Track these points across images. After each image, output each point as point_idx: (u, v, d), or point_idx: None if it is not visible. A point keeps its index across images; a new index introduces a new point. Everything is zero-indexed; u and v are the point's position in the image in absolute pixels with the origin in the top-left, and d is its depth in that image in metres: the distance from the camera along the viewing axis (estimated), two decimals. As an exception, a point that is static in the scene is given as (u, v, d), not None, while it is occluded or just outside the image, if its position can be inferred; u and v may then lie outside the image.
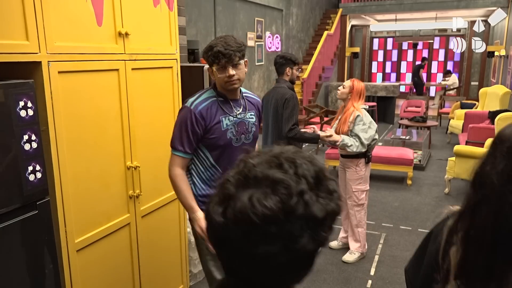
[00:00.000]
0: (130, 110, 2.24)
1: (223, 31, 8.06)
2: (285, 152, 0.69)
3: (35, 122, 1.69)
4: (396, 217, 4.48)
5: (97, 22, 2.01)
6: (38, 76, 1.75)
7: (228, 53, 1.88)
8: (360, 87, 3.39)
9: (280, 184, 0.64)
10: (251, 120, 2.08)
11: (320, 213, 0.65)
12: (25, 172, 1.67)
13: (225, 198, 0.66)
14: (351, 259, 3.55)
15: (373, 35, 16.11)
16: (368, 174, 3.47)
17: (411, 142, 6.71)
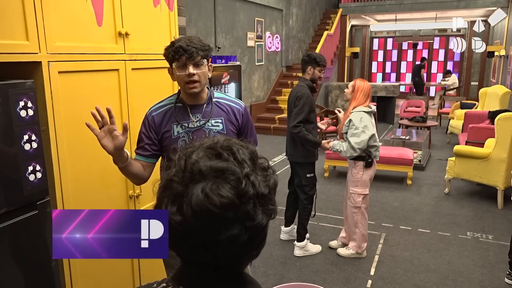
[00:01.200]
0: (130, 110, 2.24)
1: (223, 31, 8.07)
2: (218, 142, 0.73)
3: (35, 122, 1.70)
4: (396, 217, 4.48)
5: (97, 22, 2.01)
6: (38, 76, 1.75)
7: (190, 50, 1.74)
8: (363, 86, 3.34)
9: (226, 172, 0.68)
10: (214, 128, 1.87)
11: (265, 189, 0.71)
12: (25, 172, 1.67)
13: (175, 197, 0.69)
14: (343, 253, 3.57)
15: (373, 35, 16.11)
16: (367, 179, 3.40)
17: (411, 142, 6.71)
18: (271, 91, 10.20)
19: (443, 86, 12.80)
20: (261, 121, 9.42)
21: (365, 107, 3.31)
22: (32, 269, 1.75)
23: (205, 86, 1.86)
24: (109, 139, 1.69)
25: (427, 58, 13.78)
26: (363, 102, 3.33)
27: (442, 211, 4.62)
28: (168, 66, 1.84)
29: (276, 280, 3.21)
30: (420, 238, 3.94)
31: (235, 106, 1.95)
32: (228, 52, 8.32)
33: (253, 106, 9.41)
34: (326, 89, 10.87)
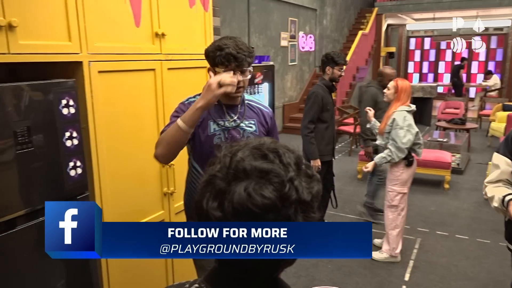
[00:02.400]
0: (165, 109, 2.29)
1: (256, 31, 8.10)
2: (265, 143, 0.73)
3: (76, 120, 1.76)
4: (432, 221, 4.36)
5: (135, 23, 2.07)
6: (79, 75, 1.82)
7: (240, 58, 1.74)
8: (406, 86, 3.34)
9: (270, 174, 0.68)
10: (248, 128, 1.90)
11: (308, 196, 0.70)
12: (67, 168, 1.74)
13: (218, 194, 0.68)
14: (377, 257, 3.51)
15: (410, 34, 15.72)
16: (408, 178, 3.38)
17: (449, 144, 6.51)
18: (304, 91, 10.14)
19: (484, 87, 12.32)
20: (294, 121, 9.38)
21: (407, 106, 3.31)
22: (70, 265, 1.82)
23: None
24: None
25: (467, 58, 13.30)
26: (406, 102, 3.33)
27: (482, 217, 4.44)
28: (207, 66, 1.84)
29: (307, 282, 3.19)
30: (458, 245, 3.81)
31: (265, 109, 2.01)
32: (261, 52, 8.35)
33: (286, 106, 9.39)
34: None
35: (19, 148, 1.56)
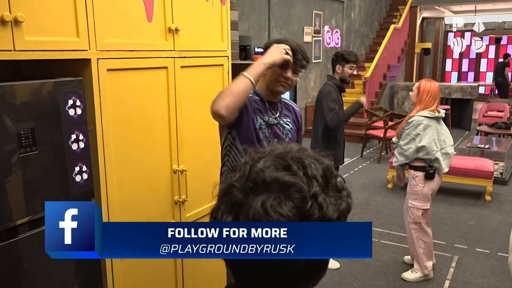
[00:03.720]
0: (178, 110, 2.31)
1: (277, 25, 8.11)
2: (290, 152, 0.72)
3: (83, 121, 1.80)
4: (471, 237, 4.27)
5: (147, 17, 2.10)
6: (87, 74, 1.85)
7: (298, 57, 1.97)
8: (430, 87, 3.28)
9: (292, 188, 0.67)
10: (286, 126, 2.12)
11: (334, 214, 0.69)
12: (72, 173, 1.77)
13: (233, 206, 0.69)
14: (410, 277, 3.46)
15: (448, 28, 15.48)
16: (429, 193, 3.31)
17: (491, 151, 6.38)
18: (329, 91, 10.09)
19: (532, 87, 12.03)
20: (317, 124, 9.33)
21: (429, 112, 3.23)
22: (75, 273, 1.85)
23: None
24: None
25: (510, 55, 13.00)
26: (431, 105, 3.26)
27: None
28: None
29: (330, 301, 3.16)
30: (501, 264, 3.72)
31: (296, 108, 2.24)
32: (282, 49, 8.33)
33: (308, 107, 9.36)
34: (392, 89, 10.59)
35: (22, 151, 1.60)
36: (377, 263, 3.67)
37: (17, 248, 1.66)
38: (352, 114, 3.61)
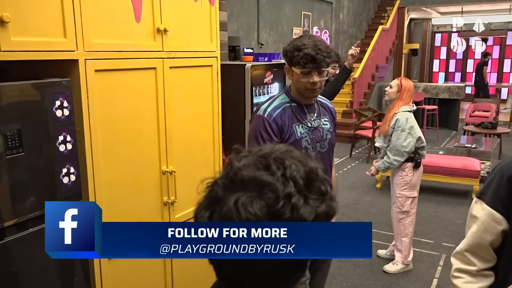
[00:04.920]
0: (166, 111, 2.30)
1: (266, 26, 8.12)
2: (275, 152, 0.73)
3: (71, 122, 1.78)
4: (459, 236, 4.31)
5: (135, 18, 2.09)
6: (74, 74, 1.84)
7: (319, 59, 1.85)
8: (409, 85, 3.46)
9: (266, 187, 0.68)
10: (325, 126, 2.07)
11: (310, 216, 0.69)
12: (60, 174, 1.76)
13: (212, 202, 0.71)
14: (392, 269, 3.56)
15: (435, 29, 15.63)
16: (417, 181, 3.46)
17: (477, 151, 6.45)
18: (318, 91, 10.13)
19: (517, 87, 12.19)
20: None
21: (408, 106, 3.42)
22: (63, 276, 1.83)
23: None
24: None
25: (491, 54, 13.09)
26: (408, 102, 3.44)
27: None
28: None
29: (320, 301, 3.16)
30: (487, 262, 3.76)
31: (330, 105, 2.18)
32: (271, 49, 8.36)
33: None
34: (380, 90, 10.66)
35: (8, 153, 1.58)
36: (366, 262, 3.69)
37: (4, 250, 1.63)
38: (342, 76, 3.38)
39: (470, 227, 1.39)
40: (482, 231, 1.34)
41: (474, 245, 1.36)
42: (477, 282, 1.35)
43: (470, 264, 1.36)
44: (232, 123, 3.45)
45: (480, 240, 1.34)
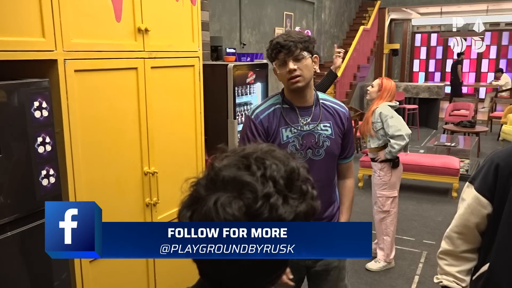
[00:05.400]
0: (148, 111, 2.28)
1: (249, 26, 8.12)
2: (257, 152, 0.73)
3: (49, 123, 1.75)
4: (439, 233, 4.37)
5: (115, 17, 2.06)
6: (53, 75, 1.81)
7: (287, 44, 1.78)
8: (390, 85, 3.49)
9: (246, 188, 0.68)
10: (324, 132, 1.89)
11: (289, 215, 0.69)
12: (38, 176, 1.72)
13: (194, 202, 0.72)
14: (374, 267, 3.60)
15: (415, 30, 15.85)
16: (396, 180, 3.50)
17: (457, 149, 6.56)
18: (301, 91, 10.17)
19: (495, 86, 12.44)
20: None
21: (390, 103, 3.46)
22: (43, 279, 1.80)
23: (309, 80, 1.86)
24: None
25: (464, 53, 13.31)
26: (389, 101, 3.48)
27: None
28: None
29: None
30: (467, 258, 3.83)
31: (341, 109, 1.98)
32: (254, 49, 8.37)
33: (281, 107, 9.41)
34: (362, 89, 10.76)
35: (-14, 155, 1.55)
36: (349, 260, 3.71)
37: (-19, 255, 1.60)
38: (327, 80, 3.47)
39: (459, 208, 1.49)
40: (468, 213, 1.44)
41: (460, 226, 1.47)
42: (459, 266, 1.47)
43: (454, 245, 1.48)
44: (214, 123, 3.44)
45: (466, 222, 1.45)
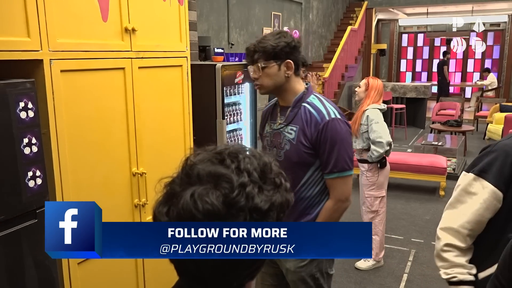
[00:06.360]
0: (136, 111, 2.27)
1: (237, 26, 8.12)
2: (229, 148, 0.76)
3: (35, 124, 1.73)
4: (427, 231, 4.42)
5: (102, 17, 2.05)
6: (39, 75, 1.79)
7: (249, 53, 1.80)
8: (377, 84, 3.52)
9: (221, 179, 0.71)
10: (288, 135, 1.83)
11: (265, 204, 0.71)
12: (25, 178, 1.70)
13: (169, 198, 0.73)
14: (363, 266, 3.63)
15: (402, 30, 15.99)
16: (384, 180, 3.52)
17: (444, 148, 6.62)
18: (289, 91, 10.18)
19: (480, 86, 12.60)
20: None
21: (378, 105, 3.49)
22: (31, 282, 1.78)
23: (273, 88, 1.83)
24: None
25: (449, 52, 13.46)
26: (377, 101, 3.51)
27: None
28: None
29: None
30: (454, 256, 3.87)
31: (316, 116, 1.79)
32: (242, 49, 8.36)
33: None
34: (350, 89, 10.82)
35: (-30, 156, 1.52)
36: (338, 260, 3.74)
37: (-35, 258, 1.57)
38: None
39: (464, 202, 1.40)
40: (483, 209, 1.35)
41: (473, 222, 1.38)
42: (465, 256, 1.43)
43: (462, 241, 1.41)
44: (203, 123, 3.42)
45: (480, 218, 1.37)
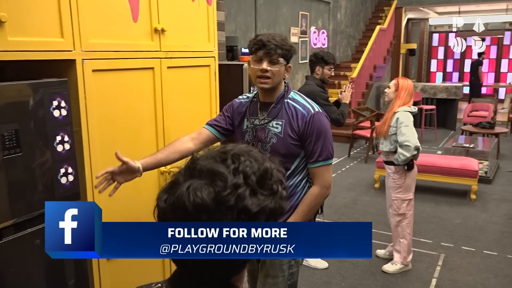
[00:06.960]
0: (164, 111, 2.30)
1: (264, 26, 8.13)
2: (235, 149, 0.79)
3: (68, 122, 1.78)
4: (457, 236, 4.32)
5: (132, 18, 2.09)
6: (72, 75, 1.84)
7: (269, 45, 1.84)
8: (407, 84, 3.46)
9: (217, 177, 0.74)
10: (273, 129, 1.93)
11: (255, 207, 0.73)
12: (57, 175, 1.75)
13: (171, 186, 0.76)
14: (391, 269, 3.56)
15: (433, 29, 15.67)
16: (411, 183, 3.45)
17: (476, 151, 6.47)
18: (316, 92, 10.13)
19: (515, 87, 12.23)
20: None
21: (409, 107, 3.42)
22: (62, 276, 1.83)
23: (276, 85, 1.95)
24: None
25: (484, 52, 13.10)
26: (408, 102, 3.44)
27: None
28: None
29: (319, 301, 3.17)
30: (486, 262, 3.77)
31: (301, 110, 1.94)
32: (269, 49, 8.35)
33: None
34: (378, 90, 10.68)
35: (6, 153, 1.58)
36: (365, 262, 3.69)
37: (2, 251, 1.63)
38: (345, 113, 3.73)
39: None
40: None
41: None
42: None
43: None
44: (230, 123, 3.45)
45: None
